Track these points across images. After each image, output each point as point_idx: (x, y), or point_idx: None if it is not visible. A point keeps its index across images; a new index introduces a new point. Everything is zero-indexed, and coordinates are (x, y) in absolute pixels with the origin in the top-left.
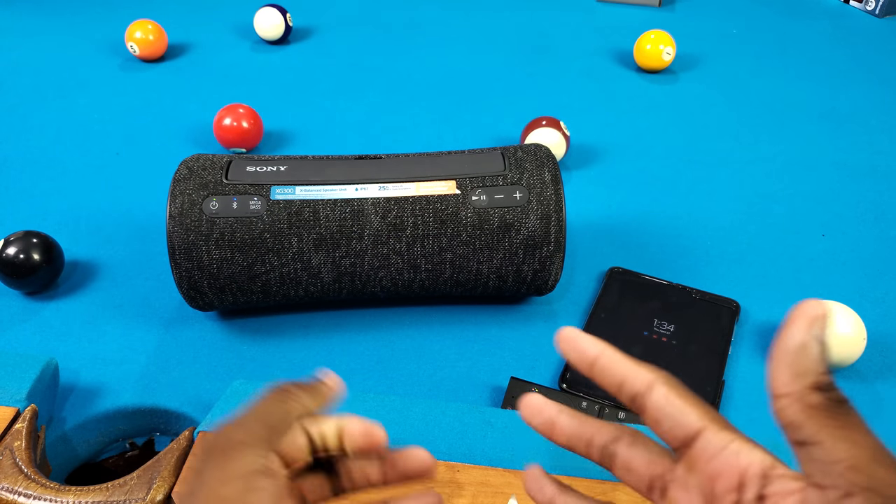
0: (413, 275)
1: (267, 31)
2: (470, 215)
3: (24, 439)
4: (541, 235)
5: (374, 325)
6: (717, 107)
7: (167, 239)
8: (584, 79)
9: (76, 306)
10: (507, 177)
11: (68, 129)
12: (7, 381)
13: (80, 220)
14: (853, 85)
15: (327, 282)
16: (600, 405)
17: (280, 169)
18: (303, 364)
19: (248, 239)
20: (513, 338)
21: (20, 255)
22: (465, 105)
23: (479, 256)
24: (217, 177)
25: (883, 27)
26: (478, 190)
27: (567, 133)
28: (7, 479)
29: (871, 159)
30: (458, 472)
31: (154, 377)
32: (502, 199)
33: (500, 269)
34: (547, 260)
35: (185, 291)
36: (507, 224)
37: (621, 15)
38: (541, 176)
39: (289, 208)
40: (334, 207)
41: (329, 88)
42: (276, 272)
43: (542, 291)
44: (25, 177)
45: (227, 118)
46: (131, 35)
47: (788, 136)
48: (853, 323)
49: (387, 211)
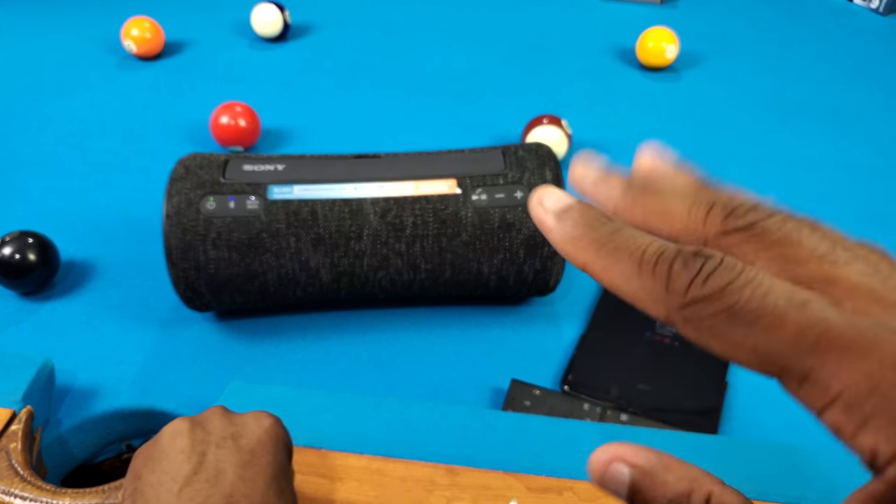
0: (413, 275)
1: (265, 28)
2: (470, 215)
3: (20, 441)
4: (542, 235)
5: (373, 326)
6: (719, 105)
7: (164, 239)
8: (586, 77)
9: (72, 307)
10: (508, 176)
11: (64, 127)
12: (3, 382)
13: (77, 220)
14: (857, 83)
15: (326, 282)
16: (602, 407)
17: (278, 168)
18: (301, 365)
19: (245, 239)
20: (514, 339)
21: (16, 255)
22: (466, 103)
23: (479, 257)
24: (214, 176)
25: (887, 25)
26: (478, 189)
27: (569, 131)
28: (3, 481)
29: (874, 159)
30: (459, 475)
31: (151, 378)
32: (503, 199)
33: (500, 270)
34: (548, 260)
35: (181, 292)
36: (508, 224)
37: (623, 12)
38: (542, 175)
39: (287, 208)
40: (333, 207)
41: (327, 86)
42: (274, 272)
43: (543, 292)
44: (21, 176)
45: (224, 116)
46: (128, 33)
47: (790, 135)
48: None
49: (386, 210)
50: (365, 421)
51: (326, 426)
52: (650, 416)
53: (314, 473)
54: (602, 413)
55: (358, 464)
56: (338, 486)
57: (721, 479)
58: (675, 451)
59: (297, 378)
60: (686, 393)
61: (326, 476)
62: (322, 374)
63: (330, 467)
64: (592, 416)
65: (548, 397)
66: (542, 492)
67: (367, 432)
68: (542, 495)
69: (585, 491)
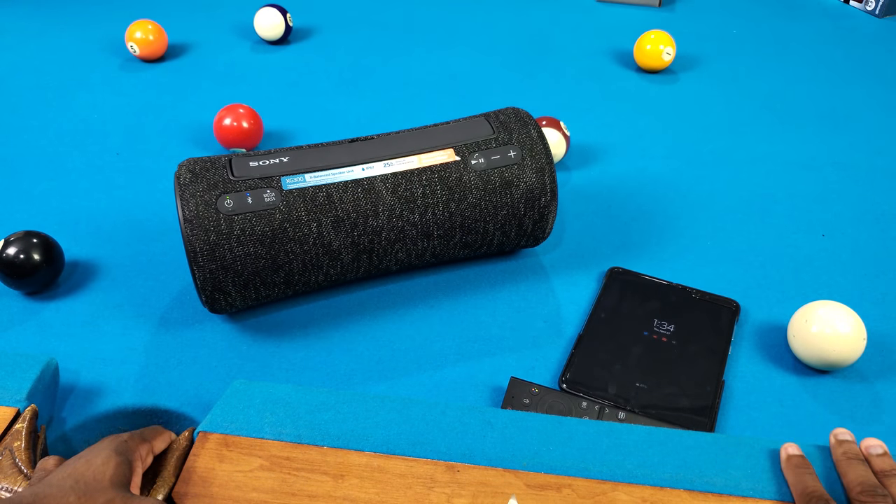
0: (426, 243)
1: (267, 31)
2: (473, 178)
3: (24, 439)
4: (538, 188)
5: (373, 324)
6: (717, 107)
7: (185, 243)
8: (584, 79)
9: (76, 306)
10: (499, 139)
11: (68, 129)
12: (7, 381)
13: (81, 221)
14: (853, 85)
15: (346, 262)
16: (600, 405)
17: (283, 160)
18: (302, 364)
19: (268, 231)
20: (513, 338)
21: (20, 255)
22: (465, 105)
23: (485, 216)
24: (223, 175)
25: (883, 27)
26: (475, 154)
27: (567, 133)
28: (7, 479)
29: (871, 159)
30: (458, 472)
31: (154, 377)
32: (499, 160)
33: (504, 225)
34: (545, 210)
35: (208, 294)
36: (508, 181)
37: (621, 15)
38: (528, 134)
39: (303, 196)
40: (346, 189)
41: (329, 88)
42: (299, 260)
43: (538, 240)
44: (26, 177)
45: (228, 118)
46: (131, 35)
47: (788, 136)
48: (853, 323)
49: (396, 185)
50: (366, 418)
51: (327, 424)
52: (647, 414)
53: (316, 470)
54: (600, 411)
55: (359, 461)
56: (339, 483)
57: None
58: (672, 449)
59: (298, 376)
60: (683, 391)
61: (328, 473)
62: (323, 372)
63: (331, 464)
64: (591, 413)
65: (546, 395)
66: (541, 489)
67: (367, 430)
68: (541, 492)
69: (584, 488)
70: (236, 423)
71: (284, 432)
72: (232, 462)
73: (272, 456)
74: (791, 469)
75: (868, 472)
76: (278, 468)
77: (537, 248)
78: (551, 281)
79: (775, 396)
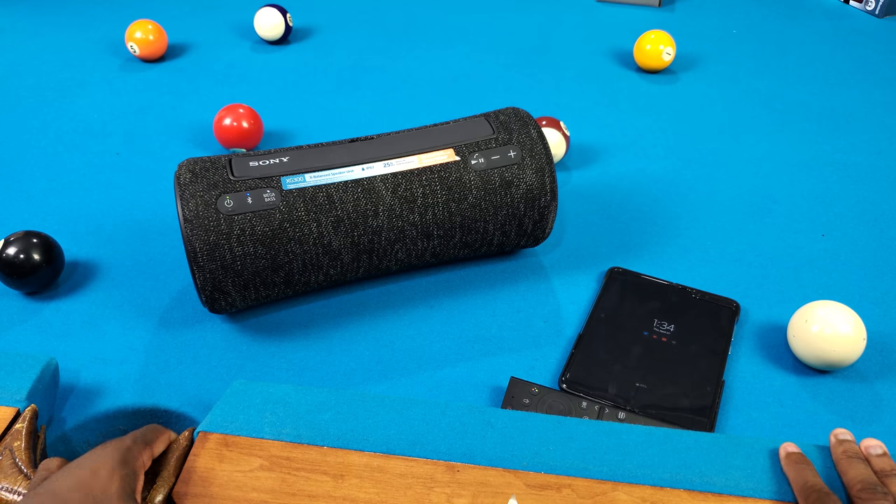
0: (426, 243)
1: (267, 31)
2: (473, 178)
3: (24, 439)
4: (538, 188)
5: (373, 325)
6: (716, 107)
7: (185, 243)
8: (584, 79)
9: (76, 306)
10: (498, 139)
11: (68, 129)
12: (7, 380)
13: (81, 220)
14: (853, 85)
15: (346, 262)
16: (600, 405)
17: (283, 160)
18: (302, 364)
19: (268, 231)
20: (513, 338)
21: (20, 255)
22: (466, 105)
23: (485, 216)
24: (223, 175)
25: (883, 27)
26: (475, 154)
27: (567, 133)
28: (7, 479)
29: (871, 159)
30: (458, 472)
31: (154, 377)
32: (499, 160)
33: (504, 225)
34: (545, 210)
35: (208, 294)
36: (507, 182)
37: (621, 15)
38: (528, 134)
39: (303, 196)
40: (346, 189)
41: (329, 88)
42: (299, 260)
43: (538, 240)
44: (25, 177)
45: (228, 118)
46: (131, 35)
47: (788, 137)
48: (853, 323)
49: (396, 185)
50: (366, 418)
51: (327, 424)
52: (647, 414)
53: (315, 470)
54: (600, 411)
55: (359, 461)
56: (339, 483)
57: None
58: (672, 449)
59: (298, 376)
60: (683, 391)
61: (328, 473)
62: (323, 372)
63: (331, 464)
64: (590, 413)
65: (546, 395)
66: (540, 489)
67: (367, 430)
68: (541, 492)
69: (584, 488)
70: (236, 423)
71: (284, 432)
72: (232, 462)
73: (272, 456)
74: (791, 465)
75: (868, 471)
76: (278, 468)
77: (537, 248)
78: (551, 281)
79: (775, 396)
